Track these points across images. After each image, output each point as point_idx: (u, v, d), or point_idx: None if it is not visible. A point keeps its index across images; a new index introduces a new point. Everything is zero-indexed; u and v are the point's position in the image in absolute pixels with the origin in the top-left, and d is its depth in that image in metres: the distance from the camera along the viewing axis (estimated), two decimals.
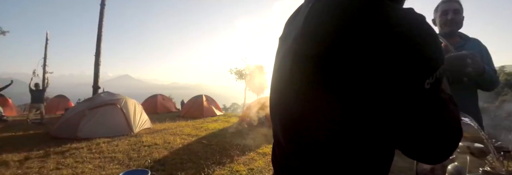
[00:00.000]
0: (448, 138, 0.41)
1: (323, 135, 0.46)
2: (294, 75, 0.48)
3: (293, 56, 0.48)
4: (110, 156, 4.15)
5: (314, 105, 0.45)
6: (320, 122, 0.45)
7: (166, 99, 12.84)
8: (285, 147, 0.55)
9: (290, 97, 0.50)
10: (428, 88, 0.37)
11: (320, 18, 0.44)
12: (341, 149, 0.46)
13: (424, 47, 0.37)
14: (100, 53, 10.68)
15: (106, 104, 5.98)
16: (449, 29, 1.58)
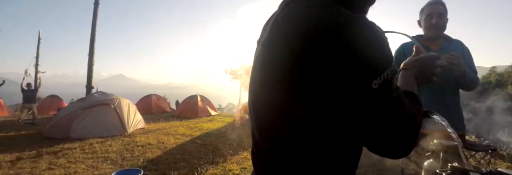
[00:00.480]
0: (403, 133, 0.45)
1: (291, 132, 0.51)
2: (263, 77, 0.53)
3: (262, 60, 0.53)
4: (103, 156, 4.15)
5: (282, 105, 0.50)
6: (288, 120, 0.50)
7: (160, 99, 12.80)
8: (260, 144, 0.60)
9: (261, 97, 0.55)
10: (376, 88, 0.42)
11: (282, 27, 0.50)
12: (310, 145, 0.51)
13: (370, 52, 0.42)
14: (93, 53, 10.62)
15: (100, 104, 5.96)
16: (433, 33, 1.65)
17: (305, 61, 0.44)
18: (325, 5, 0.47)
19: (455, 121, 1.61)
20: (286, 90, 0.48)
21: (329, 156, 0.52)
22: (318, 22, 0.44)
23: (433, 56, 0.66)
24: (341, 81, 0.42)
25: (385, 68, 0.42)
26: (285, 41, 0.48)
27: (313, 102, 0.46)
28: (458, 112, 1.62)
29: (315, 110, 0.47)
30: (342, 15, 0.44)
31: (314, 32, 0.43)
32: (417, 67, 0.63)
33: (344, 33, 0.42)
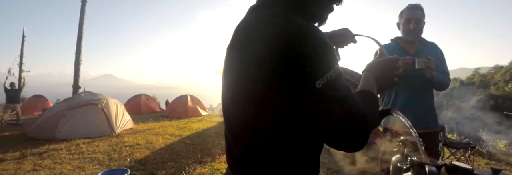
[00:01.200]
0: (349, 128, 0.50)
1: (252, 131, 0.57)
2: (228, 80, 0.58)
3: (227, 66, 0.58)
4: (90, 156, 4.10)
5: (243, 107, 0.56)
6: (250, 121, 0.56)
7: (150, 99, 12.65)
8: (231, 142, 0.64)
9: (227, 100, 0.60)
10: (319, 87, 0.47)
11: (241, 33, 0.55)
12: (273, 143, 0.56)
13: (314, 56, 0.47)
14: (80, 51, 10.41)
15: (87, 104, 5.86)
16: (411, 38, 1.74)
17: (261, 65, 0.49)
18: (280, 14, 0.53)
19: (430, 119, 1.70)
20: (245, 92, 0.54)
21: (291, 152, 0.57)
22: (272, 30, 0.49)
23: (394, 59, 0.70)
24: (290, 82, 0.48)
25: (328, 70, 0.48)
26: (243, 46, 0.53)
27: (270, 103, 0.52)
28: (433, 111, 1.71)
29: (272, 111, 0.52)
30: (292, 24, 0.49)
31: (267, 39, 0.49)
32: (378, 68, 0.68)
33: (293, 40, 0.47)
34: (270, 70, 0.49)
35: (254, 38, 0.52)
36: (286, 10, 0.56)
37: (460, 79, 40.01)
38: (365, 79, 0.66)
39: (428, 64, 1.50)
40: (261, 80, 0.50)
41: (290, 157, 0.57)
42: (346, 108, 0.49)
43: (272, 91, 0.50)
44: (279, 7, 0.57)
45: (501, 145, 5.71)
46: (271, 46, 0.48)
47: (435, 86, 1.67)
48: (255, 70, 0.51)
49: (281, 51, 0.47)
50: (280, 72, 0.48)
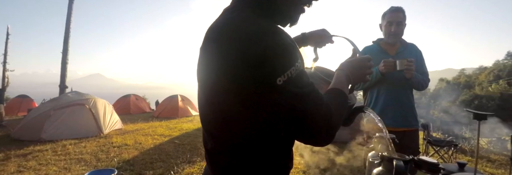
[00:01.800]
0: (313, 124, 0.53)
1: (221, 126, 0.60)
2: (199, 79, 0.62)
3: (198, 66, 0.61)
4: (76, 157, 4.04)
5: (215, 104, 0.59)
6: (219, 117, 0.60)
7: (139, 99, 12.50)
8: (206, 138, 0.67)
9: (201, 98, 0.63)
10: (280, 84, 0.50)
11: (211, 34, 0.59)
12: (244, 139, 0.59)
13: (275, 55, 0.51)
14: (68, 50, 10.17)
15: (74, 104, 5.76)
16: (392, 40, 1.80)
17: (224, 65, 0.53)
18: (243, 17, 0.57)
19: (410, 118, 1.77)
20: (213, 91, 0.58)
21: (261, 147, 0.60)
22: (234, 32, 0.53)
23: (365, 58, 0.73)
24: (252, 79, 0.51)
25: (288, 67, 0.51)
26: (210, 47, 0.57)
27: (236, 100, 0.55)
28: (412, 110, 1.78)
29: (239, 108, 0.56)
30: (253, 26, 0.53)
31: (229, 40, 0.53)
32: (349, 67, 0.71)
33: (252, 40, 0.51)
34: (232, 69, 0.52)
35: (219, 39, 0.55)
36: (252, 12, 0.60)
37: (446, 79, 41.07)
38: (336, 78, 0.69)
39: (408, 65, 1.57)
40: (225, 79, 0.54)
41: (261, 152, 0.60)
42: (309, 104, 0.53)
43: (237, 89, 0.53)
44: (245, 10, 0.61)
45: (483, 143, 5.92)
46: (232, 46, 0.52)
47: (414, 85, 1.74)
48: (219, 69, 0.54)
49: (241, 51, 0.51)
50: (242, 71, 0.51)
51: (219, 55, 0.54)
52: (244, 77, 0.51)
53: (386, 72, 1.63)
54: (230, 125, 0.59)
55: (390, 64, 1.59)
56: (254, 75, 0.51)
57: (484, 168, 4.16)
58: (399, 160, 0.65)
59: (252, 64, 0.50)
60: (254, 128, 0.57)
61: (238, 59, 0.51)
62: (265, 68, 0.50)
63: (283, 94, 0.51)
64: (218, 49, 0.54)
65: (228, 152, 0.61)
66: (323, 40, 0.93)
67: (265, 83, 0.50)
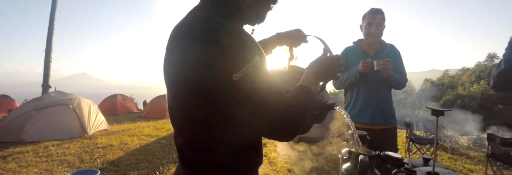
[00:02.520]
0: (272, 119, 0.55)
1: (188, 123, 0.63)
2: (164, 76, 0.63)
3: (164, 66, 0.63)
4: (59, 159, 3.93)
5: (179, 101, 0.62)
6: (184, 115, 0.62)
7: (127, 99, 12.29)
8: (175, 134, 0.70)
9: (168, 95, 0.66)
10: (237, 80, 0.52)
11: (174, 32, 0.61)
12: (207, 134, 0.61)
13: (230, 52, 0.53)
14: (51, 48, 9.85)
15: (57, 104, 5.60)
16: (371, 40, 1.86)
17: (182, 63, 0.56)
18: (203, 17, 0.59)
19: (388, 116, 1.82)
20: (175, 88, 0.61)
21: (225, 142, 0.62)
22: (191, 31, 0.56)
23: (334, 57, 0.75)
24: (209, 76, 0.53)
25: (244, 64, 0.53)
26: (171, 46, 0.59)
27: (195, 97, 0.57)
28: (390, 108, 1.84)
29: (199, 104, 0.58)
30: (209, 26, 0.56)
31: (187, 39, 0.55)
32: (318, 66, 0.73)
33: (207, 39, 0.53)
34: (191, 67, 0.54)
35: (179, 38, 0.57)
36: (214, 12, 0.62)
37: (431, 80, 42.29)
38: (305, 75, 0.71)
39: (384, 65, 1.62)
40: (186, 76, 0.56)
41: (226, 147, 0.62)
42: (269, 100, 0.55)
43: (197, 86, 0.56)
44: (208, 9, 0.63)
45: (463, 140, 6.15)
46: (189, 44, 0.54)
47: (392, 84, 1.80)
48: (180, 67, 0.56)
49: (198, 49, 0.53)
50: (200, 68, 0.53)
51: (179, 53, 0.56)
52: (202, 74, 0.53)
53: (365, 72, 1.68)
54: (194, 121, 0.61)
55: (368, 64, 1.65)
56: (211, 71, 0.53)
57: (463, 164, 4.31)
58: (365, 155, 0.68)
59: (209, 61, 0.52)
60: (216, 123, 0.59)
61: (195, 57, 0.53)
62: (221, 65, 0.52)
63: (240, 90, 0.53)
64: (178, 47, 0.57)
65: (194, 147, 0.63)
66: (297, 39, 0.95)
67: (222, 79, 0.52)
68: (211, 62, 0.52)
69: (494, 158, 3.29)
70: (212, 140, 0.61)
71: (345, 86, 1.89)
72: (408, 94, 37.23)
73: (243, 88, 0.53)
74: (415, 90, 41.85)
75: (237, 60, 0.53)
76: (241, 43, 0.55)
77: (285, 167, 3.58)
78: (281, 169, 3.51)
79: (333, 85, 1.96)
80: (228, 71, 0.52)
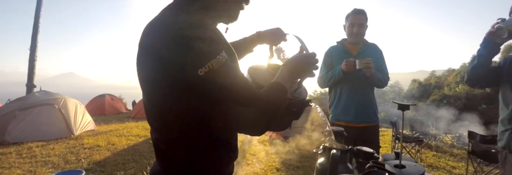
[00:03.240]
0: (239, 113, 0.58)
1: (161, 118, 0.65)
2: (139, 78, 0.65)
3: (136, 63, 0.64)
4: (43, 160, 3.85)
5: (151, 95, 0.64)
6: (157, 109, 0.64)
7: (115, 99, 12.09)
8: (151, 129, 0.71)
9: (143, 92, 0.67)
10: (202, 75, 0.54)
11: (143, 31, 0.62)
12: (179, 128, 0.63)
13: (195, 48, 0.54)
14: (36, 47, 9.54)
15: (42, 104, 5.47)
16: (354, 40, 1.90)
17: (150, 59, 0.58)
18: (171, 14, 0.62)
19: (370, 114, 1.88)
20: (146, 84, 0.63)
21: (197, 136, 0.64)
22: (158, 29, 0.58)
23: (310, 55, 0.76)
24: (175, 71, 0.55)
25: (209, 60, 0.55)
26: (142, 43, 0.61)
27: (165, 92, 0.59)
28: (373, 107, 1.89)
29: (168, 98, 0.60)
30: (175, 23, 0.57)
31: (154, 36, 0.57)
32: (293, 63, 0.75)
33: (177, 34, 0.55)
34: (159, 62, 0.56)
35: (148, 34, 0.59)
36: (184, 10, 0.63)
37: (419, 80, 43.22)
38: (279, 72, 0.73)
39: (367, 64, 1.67)
40: (155, 72, 0.58)
41: (198, 141, 0.63)
42: (236, 94, 0.57)
43: (165, 81, 0.57)
44: (179, 7, 0.65)
45: (447, 139, 6.34)
46: (156, 41, 0.56)
47: (374, 83, 1.85)
48: (150, 63, 0.58)
49: (164, 45, 0.55)
50: (167, 63, 0.55)
51: (147, 50, 0.58)
52: (169, 70, 0.55)
53: (347, 71, 1.72)
54: (165, 116, 0.62)
55: (350, 63, 1.69)
56: (177, 67, 0.54)
57: (446, 161, 4.45)
58: (337, 150, 0.71)
59: (174, 57, 0.54)
60: (186, 118, 0.61)
61: (162, 53, 0.55)
62: (186, 60, 0.54)
63: (206, 84, 0.55)
64: (147, 44, 0.58)
65: (168, 142, 0.64)
66: (277, 38, 0.97)
67: (187, 74, 0.54)
68: (176, 58, 0.54)
69: (475, 155, 3.40)
70: (184, 134, 0.63)
71: (329, 85, 1.93)
72: (397, 94, 37.97)
73: (209, 82, 0.55)
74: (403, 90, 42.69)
75: (202, 56, 0.54)
76: (206, 40, 0.56)
77: (273, 166, 3.61)
78: (270, 167, 3.54)
79: (318, 83, 2.00)
80: (194, 66, 0.54)
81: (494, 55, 1.35)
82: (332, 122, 1.90)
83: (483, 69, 1.39)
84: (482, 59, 1.37)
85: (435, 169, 4.00)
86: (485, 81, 1.46)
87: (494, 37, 1.28)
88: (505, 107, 1.39)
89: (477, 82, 1.48)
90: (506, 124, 1.36)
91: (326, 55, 1.98)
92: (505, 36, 1.24)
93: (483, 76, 1.42)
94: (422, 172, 0.61)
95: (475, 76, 1.44)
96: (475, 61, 1.39)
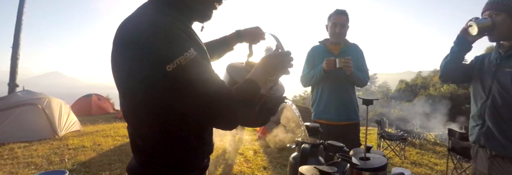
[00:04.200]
0: (208, 108, 0.59)
1: (133, 112, 0.68)
2: (113, 74, 0.67)
3: (110, 60, 0.66)
4: (25, 161, 3.75)
5: (123, 93, 0.67)
6: (130, 106, 0.67)
7: (102, 99, 11.84)
8: (128, 127, 0.73)
9: (118, 90, 0.69)
10: (170, 70, 0.56)
11: (117, 28, 0.64)
12: (151, 122, 0.65)
13: (162, 46, 0.56)
14: (19, 45, 9.23)
15: (24, 104, 5.31)
16: (336, 40, 1.96)
17: (119, 56, 0.60)
18: (142, 13, 0.64)
19: (351, 112, 1.93)
20: (118, 80, 0.65)
21: (169, 130, 0.66)
22: (128, 27, 0.61)
23: (285, 53, 0.78)
24: (143, 67, 0.57)
25: (176, 56, 0.57)
26: (114, 40, 0.63)
27: (135, 87, 0.62)
28: (353, 105, 1.95)
29: (138, 94, 0.62)
30: (144, 21, 0.60)
31: (125, 34, 0.60)
32: (268, 61, 0.76)
33: (145, 32, 0.57)
34: (129, 59, 0.58)
35: (119, 32, 0.61)
36: (156, 9, 0.66)
37: (406, 81, 44.26)
38: (254, 70, 0.75)
39: (346, 63, 1.72)
40: (126, 68, 0.60)
41: (170, 136, 0.66)
42: (205, 90, 0.59)
43: (136, 77, 0.60)
44: (151, 7, 0.67)
45: (430, 137, 6.52)
46: (127, 38, 0.59)
47: (354, 82, 1.90)
48: (119, 60, 0.61)
49: (133, 42, 0.57)
50: (136, 60, 0.57)
51: (118, 47, 0.60)
52: (138, 66, 0.57)
53: (328, 70, 1.77)
54: (138, 111, 0.64)
55: (330, 62, 1.74)
56: (145, 63, 0.56)
57: (429, 158, 4.59)
58: (307, 144, 0.74)
59: (143, 53, 0.56)
60: (158, 113, 0.63)
61: (132, 50, 0.57)
62: (153, 56, 0.56)
63: (175, 80, 0.57)
64: (118, 41, 0.61)
65: (143, 136, 0.67)
66: (256, 37, 1.00)
67: (156, 70, 0.56)
68: (145, 55, 0.56)
69: (454, 151, 3.52)
70: (157, 129, 0.65)
71: (312, 84, 1.97)
72: (385, 94, 38.77)
73: (177, 78, 0.57)
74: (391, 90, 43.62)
75: (169, 52, 0.56)
76: (173, 37, 0.58)
77: (260, 164, 3.64)
78: (257, 166, 3.57)
79: (301, 82, 2.05)
80: (162, 63, 0.55)
81: (466, 52, 1.40)
82: (314, 120, 1.95)
83: (454, 65, 1.44)
84: (454, 55, 1.42)
85: (418, 166, 4.13)
86: (457, 77, 1.51)
87: (466, 34, 1.34)
88: (475, 104, 1.45)
89: (449, 78, 1.53)
90: (476, 119, 1.41)
91: (308, 55, 2.02)
92: (475, 34, 1.30)
93: (455, 72, 1.46)
94: (384, 164, 0.65)
95: (447, 72, 1.49)
96: (448, 57, 1.45)
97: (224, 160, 3.96)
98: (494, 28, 1.27)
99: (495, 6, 1.27)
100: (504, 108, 1.27)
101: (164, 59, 0.56)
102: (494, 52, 1.40)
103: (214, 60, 1.07)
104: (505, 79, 1.26)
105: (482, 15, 1.34)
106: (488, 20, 1.28)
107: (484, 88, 1.37)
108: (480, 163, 1.45)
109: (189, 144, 0.68)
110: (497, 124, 1.29)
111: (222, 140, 4.97)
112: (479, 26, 1.28)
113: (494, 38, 1.33)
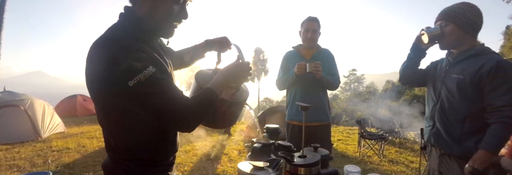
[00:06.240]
0: (170, 115, 0.71)
1: (104, 118, 0.79)
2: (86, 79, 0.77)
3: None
4: (7, 164, 3.73)
5: (96, 102, 0.77)
6: (103, 116, 0.78)
7: (88, 99, 11.61)
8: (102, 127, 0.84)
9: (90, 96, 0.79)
10: (132, 85, 0.66)
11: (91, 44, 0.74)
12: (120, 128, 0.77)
13: (124, 64, 0.66)
14: (0, 43, 9.03)
15: (6, 105, 5.23)
16: (308, 45, 2.09)
17: (92, 68, 0.71)
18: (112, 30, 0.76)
19: (322, 114, 2.07)
20: (92, 89, 0.74)
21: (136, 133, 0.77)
22: (102, 44, 0.72)
23: (244, 63, 0.88)
24: (111, 81, 0.67)
25: (137, 73, 0.67)
26: (88, 55, 0.73)
27: (106, 98, 0.73)
28: (324, 107, 2.08)
29: (106, 104, 0.75)
30: (114, 38, 0.71)
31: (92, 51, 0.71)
32: (228, 70, 0.87)
33: (111, 52, 0.68)
34: (96, 73, 0.69)
35: (91, 49, 0.72)
36: (121, 30, 0.77)
37: (392, 81, 45.36)
38: (214, 79, 0.84)
39: (315, 67, 1.85)
40: (94, 82, 0.71)
41: (136, 137, 0.77)
42: (163, 100, 0.70)
43: (102, 90, 0.71)
44: (119, 28, 0.77)
45: (411, 135, 6.80)
46: (94, 57, 0.70)
47: (324, 85, 2.04)
48: (89, 76, 0.72)
49: (99, 58, 0.68)
50: (102, 75, 0.68)
51: (88, 63, 0.71)
52: (105, 81, 0.68)
53: (299, 74, 1.89)
54: (108, 117, 0.77)
55: (301, 66, 1.87)
56: (110, 78, 0.67)
57: (406, 156, 4.81)
58: (259, 143, 0.86)
59: (108, 71, 0.66)
60: (125, 119, 0.75)
61: (100, 68, 0.68)
62: (117, 73, 0.66)
63: (136, 94, 0.68)
64: (89, 58, 0.71)
65: (113, 138, 0.79)
66: (223, 46, 1.11)
67: (119, 85, 0.67)
68: (111, 73, 0.66)
69: (426, 150, 3.72)
70: (126, 132, 0.77)
71: (285, 87, 2.10)
72: (372, 95, 39.63)
73: (138, 92, 0.67)
74: (378, 90, 44.60)
75: (130, 70, 0.66)
76: (134, 57, 0.68)
77: None
78: None
79: (276, 86, 2.17)
80: (125, 79, 0.66)
81: (420, 58, 1.53)
82: (287, 121, 2.08)
83: (411, 70, 1.56)
84: (411, 61, 1.55)
85: (395, 164, 4.33)
86: (414, 81, 1.64)
87: (419, 42, 1.47)
88: (428, 106, 1.59)
89: (408, 82, 1.66)
90: (429, 121, 1.54)
91: (283, 60, 2.15)
92: (427, 42, 1.42)
93: (412, 77, 1.60)
94: (316, 160, 0.78)
95: (405, 77, 1.62)
96: (405, 63, 1.58)
97: (208, 160, 4.05)
98: (443, 37, 1.39)
99: (445, 16, 1.39)
100: (450, 110, 1.40)
101: (127, 76, 0.65)
102: (445, 59, 1.53)
103: (187, 66, 1.18)
104: (451, 84, 1.39)
105: (435, 24, 1.45)
106: (437, 29, 1.39)
107: (435, 92, 1.50)
108: (432, 161, 1.58)
109: (155, 145, 0.80)
110: (444, 126, 1.42)
111: (206, 140, 5.05)
112: (430, 35, 1.40)
113: (444, 46, 1.46)
